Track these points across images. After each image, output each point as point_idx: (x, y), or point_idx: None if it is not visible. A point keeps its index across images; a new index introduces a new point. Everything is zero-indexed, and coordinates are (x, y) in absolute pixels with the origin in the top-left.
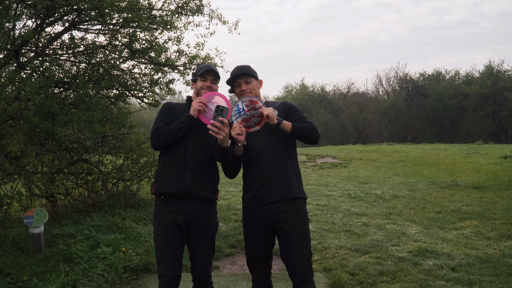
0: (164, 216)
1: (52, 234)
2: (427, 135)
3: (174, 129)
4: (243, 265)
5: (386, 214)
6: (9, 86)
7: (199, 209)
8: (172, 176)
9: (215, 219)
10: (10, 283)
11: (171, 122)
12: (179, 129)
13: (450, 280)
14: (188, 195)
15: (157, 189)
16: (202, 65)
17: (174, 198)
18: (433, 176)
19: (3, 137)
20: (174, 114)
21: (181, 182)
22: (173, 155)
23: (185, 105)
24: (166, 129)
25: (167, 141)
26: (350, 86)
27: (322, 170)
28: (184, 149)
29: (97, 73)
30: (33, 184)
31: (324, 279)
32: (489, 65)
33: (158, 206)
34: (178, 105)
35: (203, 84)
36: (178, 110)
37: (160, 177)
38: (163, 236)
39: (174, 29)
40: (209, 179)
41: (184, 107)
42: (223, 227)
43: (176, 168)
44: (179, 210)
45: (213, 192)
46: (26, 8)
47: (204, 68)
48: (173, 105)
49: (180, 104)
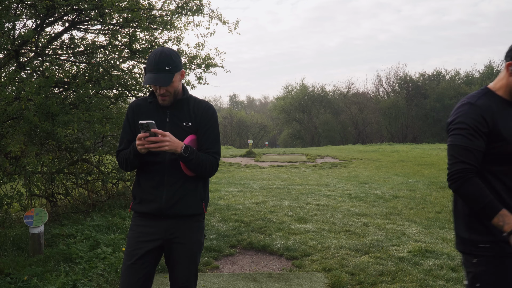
0: (137, 230)
1: (52, 234)
2: (427, 135)
3: (129, 160)
4: (243, 265)
5: (386, 214)
6: (9, 86)
7: (179, 226)
8: (147, 193)
9: (199, 238)
10: (10, 283)
11: (134, 134)
12: (131, 161)
13: (450, 280)
14: (165, 215)
15: (134, 207)
16: (148, 65)
17: (150, 216)
18: (433, 176)
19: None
20: (138, 118)
21: (157, 200)
22: (148, 168)
23: (148, 105)
24: (122, 156)
25: (131, 168)
26: (350, 86)
27: (322, 170)
28: (158, 161)
29: (97, 73)
30: (33, 184)
31: (324, 279)
32: (489, 65)
33: (134, 218)
34: (142, 103)
35: (155, 90)
36: (142, 112)
37: (135, 194)
38: (131, 255)
39: (174, 29)
40: (192, 190)
41: (148, 107)
42: (223, 227)
43: (151, 183)
44: (156, 226)
45: (198, 206)
46: (26, 8)
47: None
48: (137, 108)
49: (144, 102)
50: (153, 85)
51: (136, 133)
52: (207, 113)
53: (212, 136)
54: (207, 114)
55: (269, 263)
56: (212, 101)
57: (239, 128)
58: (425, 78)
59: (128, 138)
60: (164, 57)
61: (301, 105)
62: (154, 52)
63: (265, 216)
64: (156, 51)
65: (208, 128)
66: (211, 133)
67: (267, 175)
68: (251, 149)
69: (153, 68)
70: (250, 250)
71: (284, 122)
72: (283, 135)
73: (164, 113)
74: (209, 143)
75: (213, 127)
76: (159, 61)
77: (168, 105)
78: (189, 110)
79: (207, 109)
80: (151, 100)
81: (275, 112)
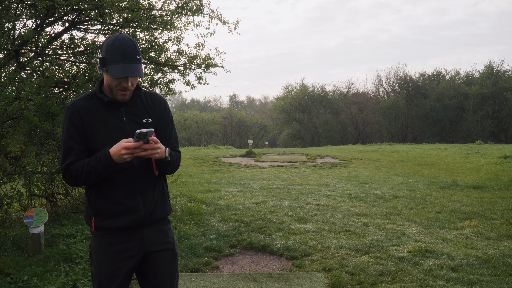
0: (111, 249)
1: (52, 234)
2: (427, 135)
3: (94, 172)
4: (243, 265)
5: (386, 214)
6: (9, 86)
7: (157, 234)
8: (118, 205)
9: (174, 240)
10: (10, 283)
11: (83, 141)
12: (99, 174)
13: (450, 280)
14: (144, 224)
15: (100, 224)
16: (115, 55)
17: (124, 230)
18: (433, 176)
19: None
20: (85, 121)
21: (135, 210)
22: (115, 177)
23: (96, 104)
24: (80, 168)
25: (91, 182)
26: (350, 86)
27: (322, 170)
28: (127, 166)
29: (97, 73)
30: (33, 184)
31: (324, 279)
32: (489, 65)
33: (99, 237)
34: (87, 104)
35: (119, 84)
36: (92, 114)
37: (100, 209)
38: (111, 279)
39: (174, 29)
40: (161, 191)
41: (96, 106)
42: (223, 227)
43: (123, 193)
44: (132, 240)
45: (168, 206)
46: (26, 8)
47: (123, 67)
48: (83, 109)
49: (88, 101)
50: (121, 78)
51: (88, 140)
52: (164, 107)
53: (174, 132)
54: (165, 108)
55: (269, 263)
56: (212, 101)
57: (239, 128)
58: (425, 78)
59: (79, 148)
60: (132, 45)
61: (301, 105)
62: (116, 39)
63: (265, 216)
64: (119, 38)
65: (168, 123)
66: (172, 128)
67: (267, 175)
68: (251, 149)
69: (125, 57)
70: (250, 250)
71: (284, 122)
72: (283, 135)
73: (118, 111)
74: (173, 140)
75: (172, 121)
76: (129, 49)
77: (127, 100)
78: (144, 105)
79: (163, 102)
80: (102, 96)
81: (275, 112)
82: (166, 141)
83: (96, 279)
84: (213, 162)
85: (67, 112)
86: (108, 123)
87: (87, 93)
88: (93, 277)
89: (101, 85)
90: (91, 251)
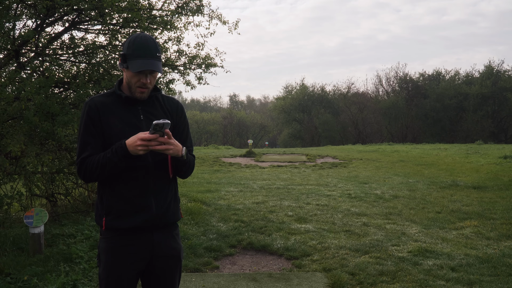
0: (121, 251)
1: (52, 234)
2: (427, 135)
3: (109, 165)
4: (243, 265)
5: (386, 214)
6: (9, 86)
7: (166, 238)
8: (130, 204)
9: (181, 246)
10: (10, 283)
11: (99, 137)
12: (114, 165)
13: (450, 280)
14: (154, 226)
15: (110, 224)
16: (136, 51)
17: (134, 231)
18: (433, 176)
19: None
20: (103, 117)
21: (146, 210)
22: (129, 174)
23: (114, 101)
24: (96, 161)
25: (106, 176)
26: (350, 86)
27: (322, 170)
28: (141, 164)
29: (97, 73)
30: (33, 184)
31: (324, 279)
32: (489, 65)
33: (109, 239)
34: (104, 100)
35: (138, 81)
36: (110, 110)
37: (111, 207)
38: (120, 282)
39: (174, 29)
40: (174, 194)
41: (114, 103)
42: (223, 227)
43: (135, 191)
44: (142, 242)
45: (179, 210)
46: (26, 8)
47: (144, 62)
48: (101, 105)
49: (106, 98)
50: (141, 73)
51: (105, 136)
52: (182, 111)
53: (189, 136)
54: (182, 112)
55: (269, 263)
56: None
57: (239, 128)
58: (425, 78)
59: (95, 142)
60: (153, 43)
61: (301, 105)
62: (138, 37)
63: (265, 216)
64: (141, 36)
65: (184, 127)
66: (188, 132)
67: (267, 175)
68: (251, 149)
69: (146, 52)
70: (250, 250)
71: (284, 122)
72: (283, 135)
73: (136, 109)
74: (188, 144)
75: (188, 126)
76: (150, 46)
77: (145, 98)
78: (161, 106)
79: (180, 106)
80: (120, 93)
81: (275, 112)
82: (181, 144)
83: (103, 281)
84: (213, 162)
85: (85, 107)
86: (125, 120)
87: (106, 92)
88: (101, 278)
89: (120, 84)
90: (99, 252)
